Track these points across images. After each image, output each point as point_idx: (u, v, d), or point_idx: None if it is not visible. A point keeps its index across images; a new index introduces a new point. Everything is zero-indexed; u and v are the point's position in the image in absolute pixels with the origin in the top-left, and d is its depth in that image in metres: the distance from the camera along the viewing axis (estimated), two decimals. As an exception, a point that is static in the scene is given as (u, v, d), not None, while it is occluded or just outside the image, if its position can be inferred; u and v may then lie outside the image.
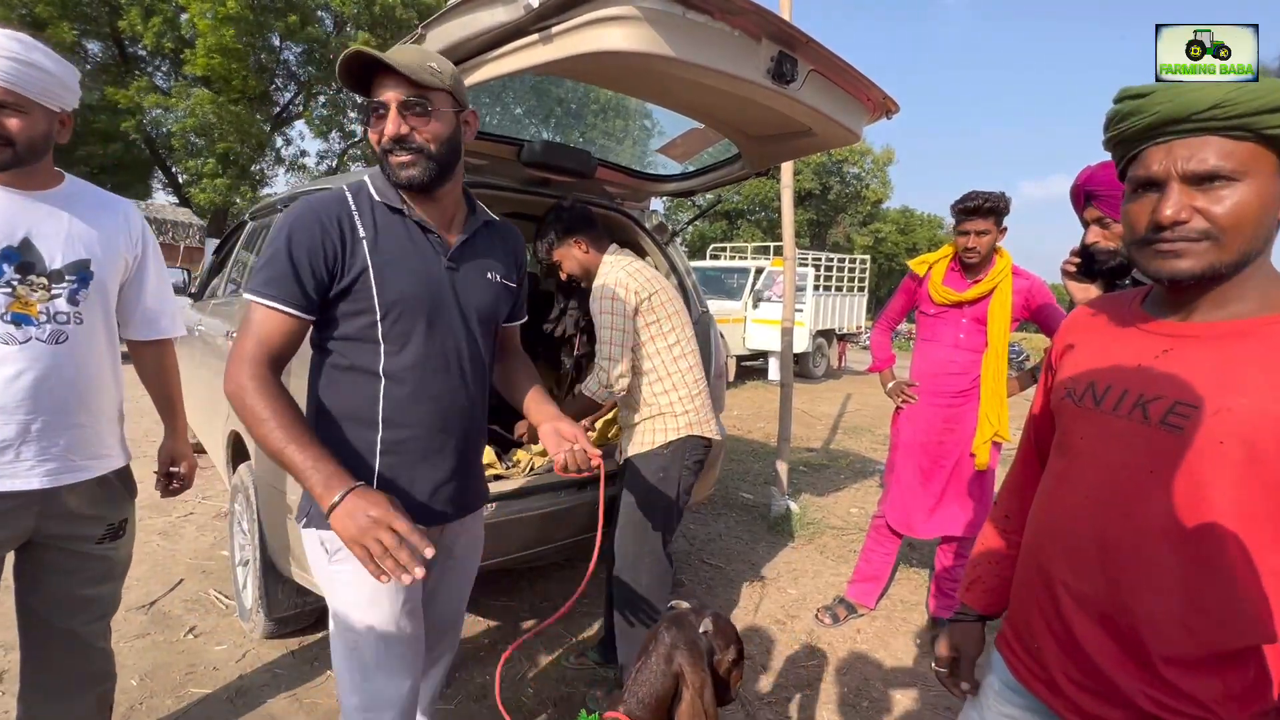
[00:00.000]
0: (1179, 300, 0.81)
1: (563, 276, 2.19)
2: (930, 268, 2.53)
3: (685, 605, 1.14)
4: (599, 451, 1.28)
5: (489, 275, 1.30)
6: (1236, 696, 0.73)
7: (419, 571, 0.92)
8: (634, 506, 2.06)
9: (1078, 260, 1.64)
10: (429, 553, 0.94)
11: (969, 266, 2.41)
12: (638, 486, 2.07)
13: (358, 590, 1.19)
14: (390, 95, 1.11)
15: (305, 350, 1.21)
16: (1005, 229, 2.37)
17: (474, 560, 1.49)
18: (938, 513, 2.57)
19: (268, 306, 1.08)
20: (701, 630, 1.05)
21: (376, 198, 1.19)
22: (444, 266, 1.22)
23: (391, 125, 1.11)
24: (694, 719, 0.95)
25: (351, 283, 1.13)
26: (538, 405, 1.39)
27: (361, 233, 1.15)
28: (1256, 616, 0.72)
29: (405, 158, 1.13)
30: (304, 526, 1.21)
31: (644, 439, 2.08)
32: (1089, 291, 1.67)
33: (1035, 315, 2.42)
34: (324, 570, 1.21)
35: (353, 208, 1.16)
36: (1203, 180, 0.73)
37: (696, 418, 2.07)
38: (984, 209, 2.30)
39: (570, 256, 2.11)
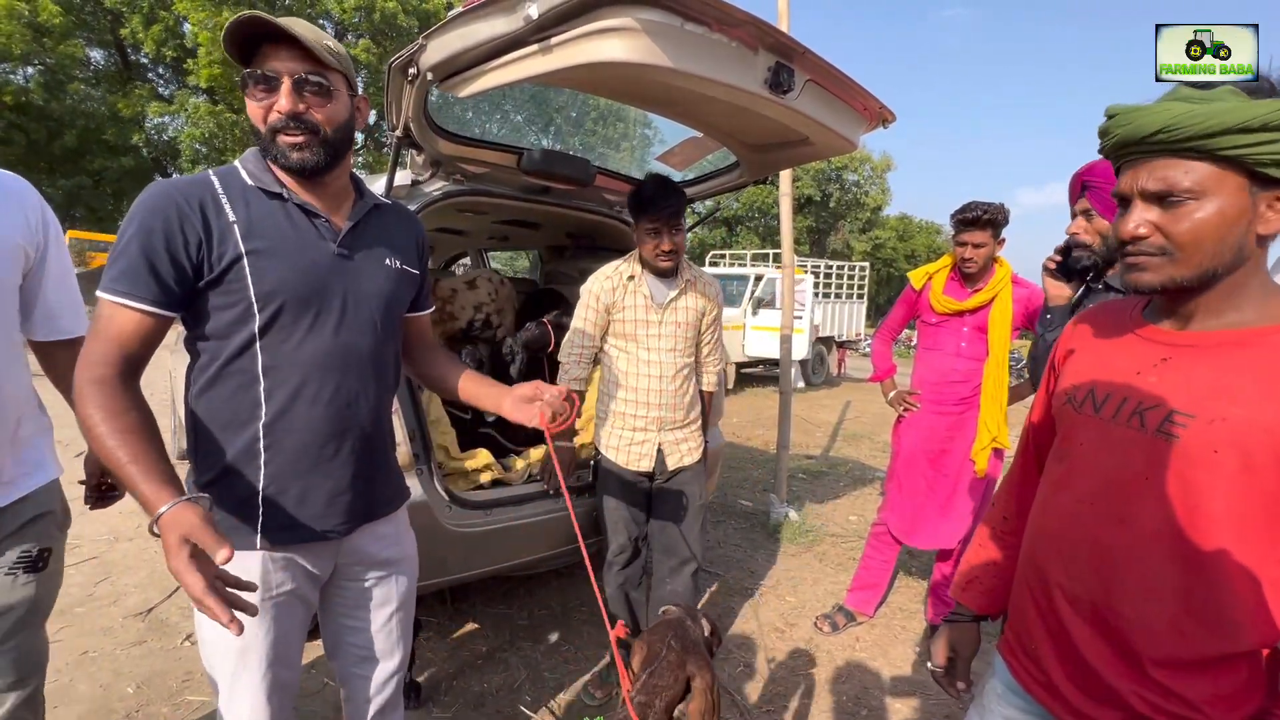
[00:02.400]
0: (1174, 308, 0.82)
1: (665, 249, 1.98)
2: (930, 278, 2.55)
3: (675, 610, 1.16)
4: (565, 387, 1.25)
5: (388, 261, 1.20)
6: (1227, 698, 0.74)
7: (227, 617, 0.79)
8: (702, 503, 2.19)
9: (1058, 259, 1.66)
10: (223, 554, 0.80)
11: (968, 276, 2.43)
12: (701, 481, 2.19)
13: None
14: (283, 67, 1.02)
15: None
16: (1004, 240, 2.39)
17: (405, 571, 1.33)
18: (942, 522, 2.57)
19: (118, 303, 0.96)
20: (709, 634, 1.11)
21: (249, 181, 1.08)
22: (334, 253, 1.12)
23: (286, 101, 1.03)
24: (705, 713, 1.00)
25: (222, 273, 1.02)
26: (483, 387, 1.31)
27: (230, 217, 1.03)
28: (1248, 623, 0.72)
29: (299, 138, 1.04)
30: None
31: (700, 438, 2.21)
32: (1063, 290, 1.68)
33: (1035, 324, 2.44)
34: None
35: (218, 190, 1.04)
36: (1161, 199, 0.76)
37: None
38: (981, 221, 2.32)
39: (682, 234, 2.03)
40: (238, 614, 0.81)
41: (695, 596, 2.18)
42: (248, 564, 1.09)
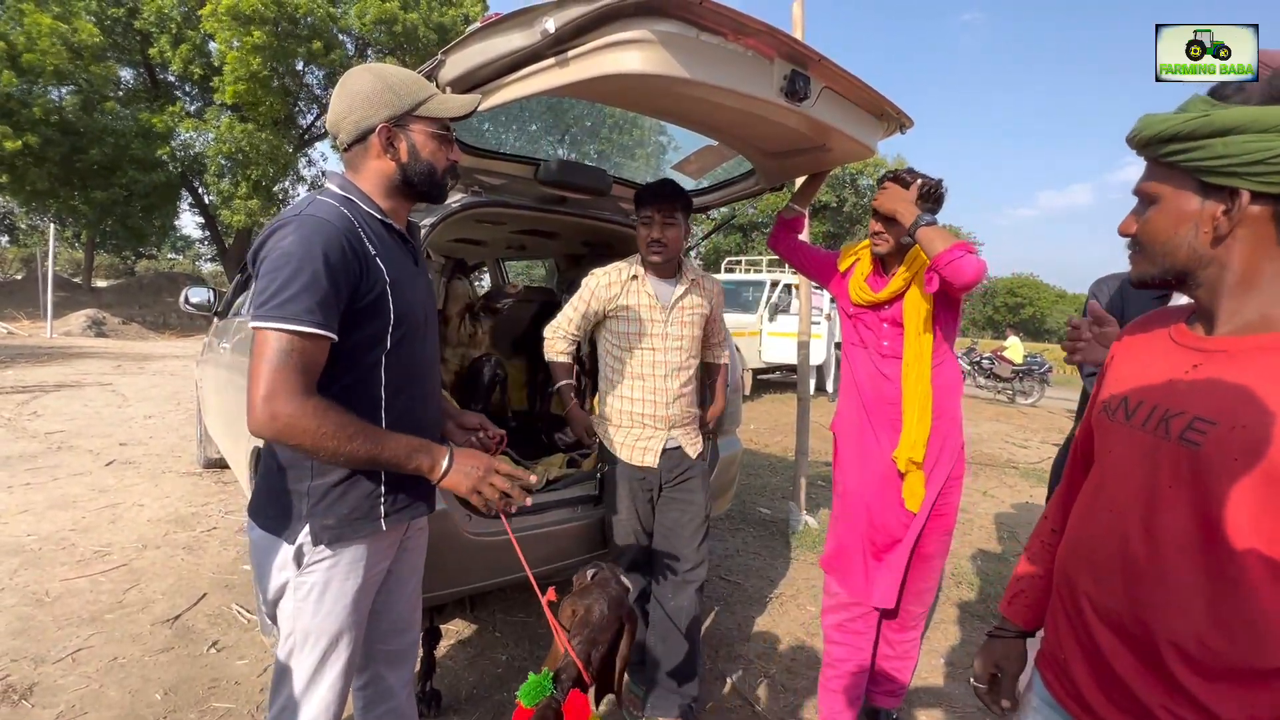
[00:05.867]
0: (1200, 311, 0.83)
1: (655, 237, 1.99)
2: (857, 259, 2.02)
3: (599, 571, 1.32)
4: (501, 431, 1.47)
5: (428, 275, 1.37)
6: (1260, 718, 0.71)
7: (528, 500, 1.19)
8: (707, 514, 2.16)
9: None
10: (533, 480, 1.20)
11: (882, 260, 1.94)
12: (705, 491, 2.16)
13: (319, 599, 1.18)
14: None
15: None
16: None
17: (424, 547, 1.47)
18: (883, 573, 1.95)
19: (312, 333, 1.03)
20: (627, 584, 1.32)
21: (367, 209, 1.19)
22: (418, 273, 1.29)
23: (457, 153, 1.27)
24: (630, 648, 1.24)
25: (373, 300, 1.14)
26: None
27: (371, 250, 1.15)
28: (1277, 638, 0.70)
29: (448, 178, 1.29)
30: (296, 541, 1.16)
31: (699, 433, 2.19)
32: None
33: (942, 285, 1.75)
34: (290, 581, 1.18)
35: (354, 222, 1.15)
36: (1140, 200, 0.84)
37: None
38: (901, 180, 1.81)
39: (676, 230, 2.06)
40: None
41: (700, 613, 2.14)
42: (364, 550, 1.21)
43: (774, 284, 10.24)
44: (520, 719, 1.10)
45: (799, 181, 2.43)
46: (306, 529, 1.16)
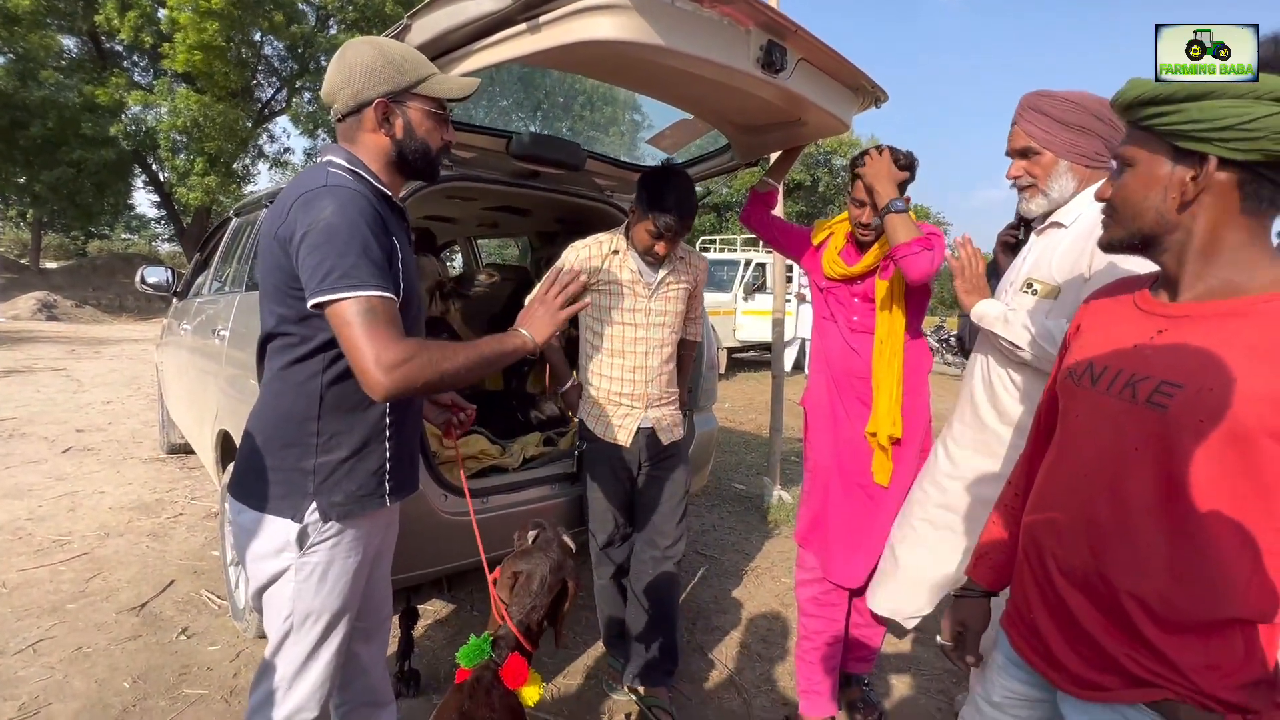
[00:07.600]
0: (1164, 279, 0.85)
1: (659, 252, 1.95)
2: (831, 234, 2.03)
3: (540, 533, 1.36)
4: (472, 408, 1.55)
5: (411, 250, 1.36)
6: (1217, 666, 0.75)
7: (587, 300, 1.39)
8: (685, 492, 2.17)
9: (1016, 234, 1.65)
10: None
11: (860, 243, 1.95)
12: (684, 469, 2.17)
13: (321, 577, 1.19)
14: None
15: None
16: (908, 200, 1.86)
17: (397, 525, 1.48)
18: (857, 554, 1.94)
19: (385, 296, 1.06)
20: (569, 544, 1.38)
21: (373, 182, 1.19)
22: (411, 248, 1.29)
23: (452, 134, 1.28)
24: (571, 606, 1.28)
25: (392, 275, 1.16)
26: None
27: (387, 224, 1.18)
28: (1238, 593, 0.73)
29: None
30: (306, 520, 1.16)
31: (680, 414, 2.18)
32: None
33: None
34: (291, 563, 1.17)
35: (370, 197, 1.16)
36: (1118, 165, 0.86)
37: None
38: (888, 155, 1.81)
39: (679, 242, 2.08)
40: None
41: (678, 588, 2.17)
42: (365, 527, 1.25)
43: (748, 263, 10.27)
44: (461, 680, 1.12)
45: (773, 157, 2.43)
46: (314, 506, 1.16)
